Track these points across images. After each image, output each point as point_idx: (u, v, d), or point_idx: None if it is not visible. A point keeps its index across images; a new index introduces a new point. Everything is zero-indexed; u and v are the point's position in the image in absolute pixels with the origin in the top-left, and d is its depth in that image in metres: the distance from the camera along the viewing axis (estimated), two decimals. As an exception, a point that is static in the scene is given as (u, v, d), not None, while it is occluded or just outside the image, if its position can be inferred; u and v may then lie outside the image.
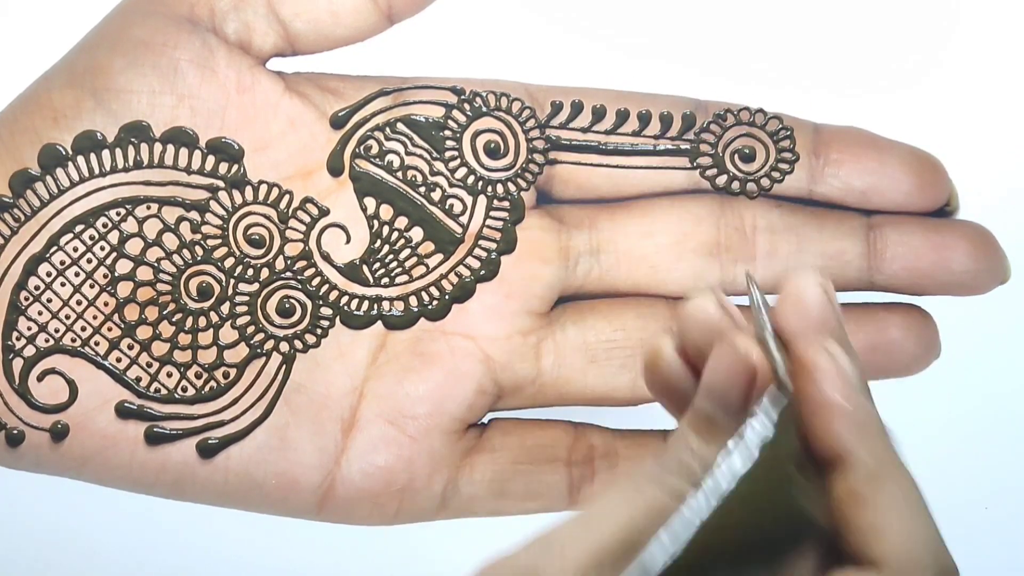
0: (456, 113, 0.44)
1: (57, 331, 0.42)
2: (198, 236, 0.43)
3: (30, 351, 0.42)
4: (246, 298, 0.43)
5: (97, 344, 0.42)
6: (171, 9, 0.42)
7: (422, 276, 0.44)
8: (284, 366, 0.43)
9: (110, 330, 0.42)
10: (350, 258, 0.44)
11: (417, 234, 0.44)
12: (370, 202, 0.44)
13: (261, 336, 0.43)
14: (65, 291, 0.42)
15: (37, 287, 0.42)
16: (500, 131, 0.44)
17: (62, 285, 0.42)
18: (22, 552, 0.60)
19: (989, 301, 0.45)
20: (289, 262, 0.43)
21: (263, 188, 0.43)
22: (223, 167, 0.43)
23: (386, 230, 0.44)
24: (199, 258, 0.43)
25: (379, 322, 0.44)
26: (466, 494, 0.44)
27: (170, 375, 0.43)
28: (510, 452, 0.44)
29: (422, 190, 0.44)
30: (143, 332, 0.42)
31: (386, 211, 0.44)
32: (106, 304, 0.42)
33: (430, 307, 0.44)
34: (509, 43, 0.60)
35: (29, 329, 0.42)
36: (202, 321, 0.43)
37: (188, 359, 0.43)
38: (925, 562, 0.33)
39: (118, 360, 0.42)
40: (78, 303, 0.42)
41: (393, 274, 0.44)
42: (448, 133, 0.44)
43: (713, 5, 0.61)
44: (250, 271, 0.43)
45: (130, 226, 0.42)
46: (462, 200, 0.44)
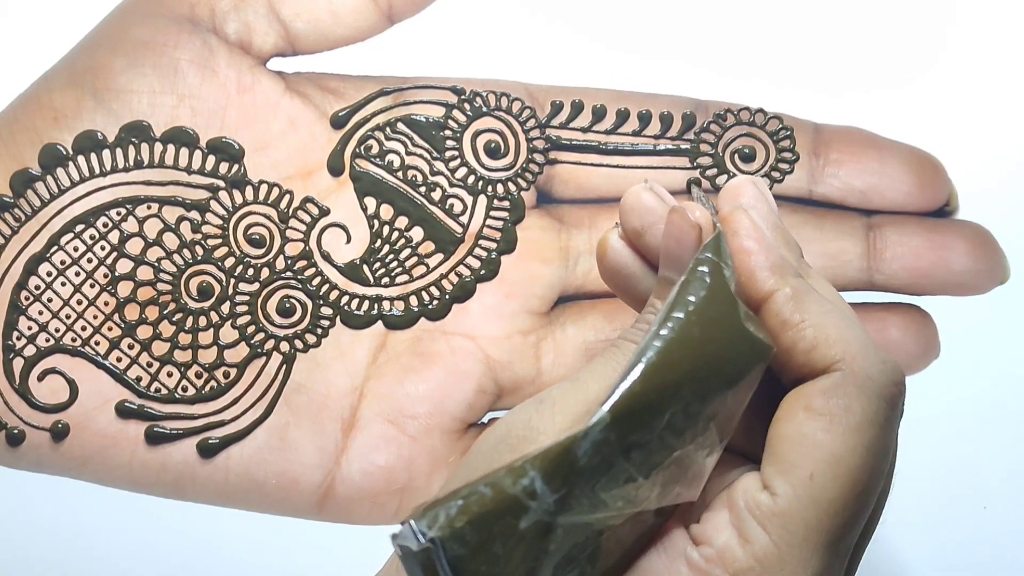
0: (456, 113, 0.44)
1: (57, 331, 0.42)
2: (198, 236, 0.43)
3: (30, 351, 0.42)
4: (246, 298, 0.43)
5: (97, 344, 0.42)
6: (171, 9, 0.42)
7: (422, 276, 0.44)
8: (284, 366, 0.43)
9: (110, 330, 0.42)
10: (350, 258, 0.44)
11: (417, 234, 0.44)
12: (370, 202, 0.44)
13: (261, 336, 0.43)
14: (66, 291, 0.42)
15: (38, 287, 0.42)
16: (500, 131, 0.44)
17: (62, 285, 0.42)
18: (22, 552, 0.60)
19: (989, 301, 0.45)
20: (289, 262, 0.43)
21: (263, 188, 0.43)
22: (223, 167, 0.43)
23: (386, 230, 0.44)
24: (199, 258, 0.43)
25: (379, 322, 0.44)
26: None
27: (170, 375, 0.43)
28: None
29: (422, 190, 0.44)
30: (143, 332, 0.42)
31: (386, 211, 0.44)
32: (106, 304, 0.42)
33: (430, 307, 0.44)
34: (509, 43, 0.60)
35: (30, 329, 0.42)
36: (202, 321, 0.43)
37: (188, 359, 0.43)
38: (871, 355, 0.36)
39: (118, 360, 0.42)
40: (78, 303, 0.42)
41: (393, 274, 0.44)
42: (448, 133, 0.44)
43: (713, 5, 0.61)
44: (250, 271, 0.43)
45: (130, 226, 0.42)
46: (462, 200, 0.44)
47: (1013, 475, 0.59)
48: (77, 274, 0.42)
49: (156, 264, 0.43)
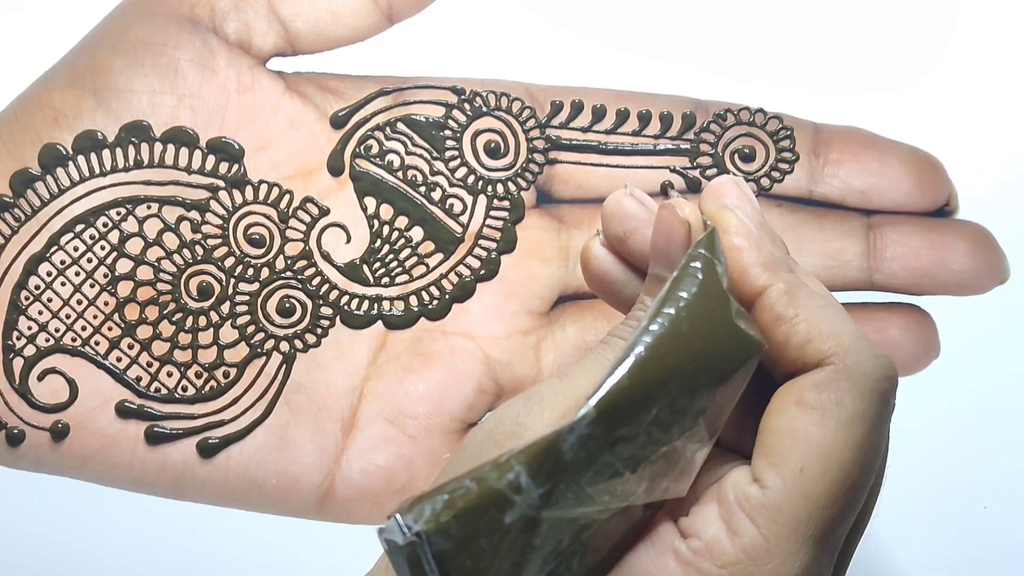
0: (456, 113, 0.44)
1: (57, 330, 0.42)
2: (198, 236, 0.43)
3: (30, 351, 0.42)
4: (246, 298, 0.43)
5: (97, 344, 0.42)
6: (171, 9, 0.42)
7: (422, 276, 0.44)
8: (284, 366, 0.43)
9: (110, 329, 0.42)
10: (350, 258, 0.44)
11: (417, 234, 0.44)
12: (370, 202, 0.44)
13: (261, 336, 0.43)
14: (65, 290, 0.42)
15: (37, 286, 0.42)
16: (500, 131, 0.44)
17: (62, 284, 0.42)
18: (22, 552, 0.60)
19: (988, 301, 0.45)
20: (289, 262, 0.43)
21: (263, 188, 0.43)
22: (223, 167, 0.43)
23: (386, 230, 0.44)
24: (199, 258, 0.43)
25: (379, 322, 0.44)
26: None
27: (170, 375, 0.43)
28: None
29: (422, 190, 0.44)
30: (143, 332, 0.42)
31: (386, 211, 0.44)
32: (106, 304, 0.42)
33: (430, 307, 0.44)
34: (509, 43, 0.60)
35: (29, 328, 0.42)
36: (202, 321, 0.43)
37: (188, 359, 0.43)
38: (864, 350, 0.36)
39: (118, 360, 0.42)
40: (78, 302, 0.42)
41: (393, 274, 0.44)
42: (448, 133, 0.44)
43: (713, 5, 0.61)
44: (250, 271, 0.43)
45: (130, 226, 0.42)
46: (462, 200, 0.44)
47: (1013, 475, 0.59)
48: (77, 274, 0.42)
49: (156, 264, 0.43)
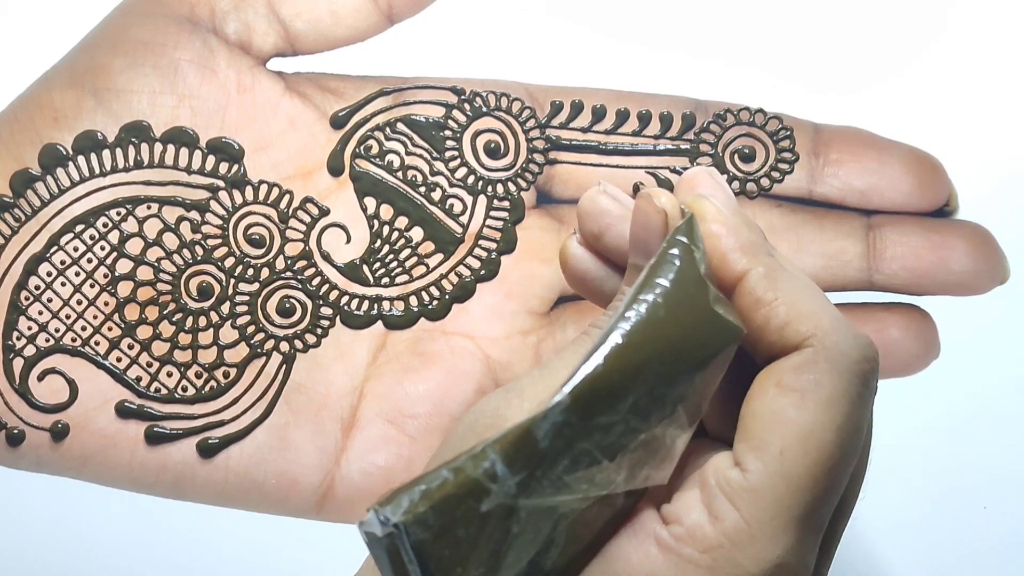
0: (456, 113, 0.44)
1: (57, 331, 0.42)
2: (198, 236, 0.43)
3: (30, 351, 0.42)
4: (246, 298, 0.43)
5: (97, 344, 0.42)
6: (172, 9, 0.42)
7: (422, 276, 0.44)
8: (284, 366, 0.43)
9: (110, 330, 0.42)
10: (350, 258, 0.44)
11: (417, 234, 0.44)
12: (370, 202, 0.44)
13: (261, 336, 0.43)
14: (65, 291, 0.42)
15: (37, 287, 0.42)
16: (500, 131, 0.44)
17: (62, 285, 0.42)
18: (22, 552, 0.60)
19: (988, 301, 0.45)
20: (289, 262, 0.43)
21: (263, 188, 0.43)
22: (223, 167, 0.43)
23: (386, 230, 0.44)
24: (199, 258, 0.43)
25: (379, 322, 0.44)
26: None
27: (170, 375, 0.43)
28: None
29: (422, 190, 0.44)
30: (143, 332, 0.42)
31: (386, 211, 0.44)
32: (106, 304, 0.42)
33: (430, 307, 0.44)
34: (509, 43, 0.60)
35: (29, 329, 0.42)
36: (202, 321, 0.43)
37: (188, 359, 0.43)
38: (843, 330, 0.36)
39: (118, 360, 0.42)
40: (78, 303, 0.42)
41: (393, 274, 0.44)
42: (448, 133, 0.44)
43: (713, 5, 0.61)
44: (250, 271, 0.43)
45: (130, 226, 0.42)
46: (462, 200, 0.44)
47: (1013, 475, 0.59)
48: (77, 274, 0.42)
49: (156, 264, 0.43)
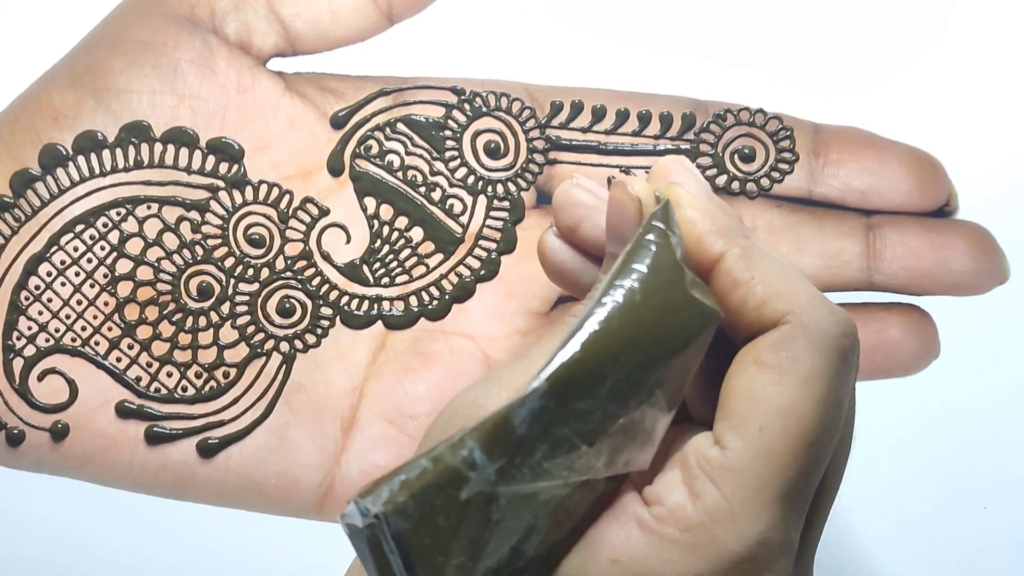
0: (456, 113, 0.44)
1: (57, 331, 0.42)
2: (198, 236, 0.43)
3: (30, 351, 0.42)
4: (246, 298, 0.43)
5: (97, 344, 0.42)
6: (171, 9, 0.42)
7: (422, 276, 0.44)
8: (284, 366, 0.43)
9: (110, 330, 0.42)
10: (350, 258, 0.44)
11: (417, 234, 0.44)
12: (370, 202, 0.44)
13: (261, 336, 0.43)
14: (65, 291, 0.42)
15: (37, 287, 0.42)
16: (500, 131, 0.44)
17: (62, 285, 0.42)
18: (22, 552, 0.60)
19: (988, 301, 0.45)
20: (289, 262, 0.43)
21: (263, 188, 0.43)
22: (223, 167, 0.43)
23: (386, 230, 0.44)
24: (199, 258, 0.43)
25: (379, 322, 0.44)
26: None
27: (170, 375, 0.43)
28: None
29: (422, 190, 0.44)
30: (143, 332, 0.42)
31: (386, 211, 0.44)
32: (106, 304, 0.42)
33: (430, 307, 0.44)
34: (509, 43, 0.60)
35: (29, 329, 0.42)
36: (202, 321, 0.43)
37: (188, 359, 0.43)
38: (821, 307, 0.36)
39: (118, 360, 0.42)
40: (78, 303, 0.42)
41: (393, 274, 0.44)
42: (448, 133, 0.44)
43: (713, 5, 0.61)
44: (250, 271, 0.43)
45: (130, 226, 0.42)
46: (462, 200, 0.44)
47: (1013, 475, 0.59)
48: (77, 274, 0.42)
49: (156, 264, 0.43)
